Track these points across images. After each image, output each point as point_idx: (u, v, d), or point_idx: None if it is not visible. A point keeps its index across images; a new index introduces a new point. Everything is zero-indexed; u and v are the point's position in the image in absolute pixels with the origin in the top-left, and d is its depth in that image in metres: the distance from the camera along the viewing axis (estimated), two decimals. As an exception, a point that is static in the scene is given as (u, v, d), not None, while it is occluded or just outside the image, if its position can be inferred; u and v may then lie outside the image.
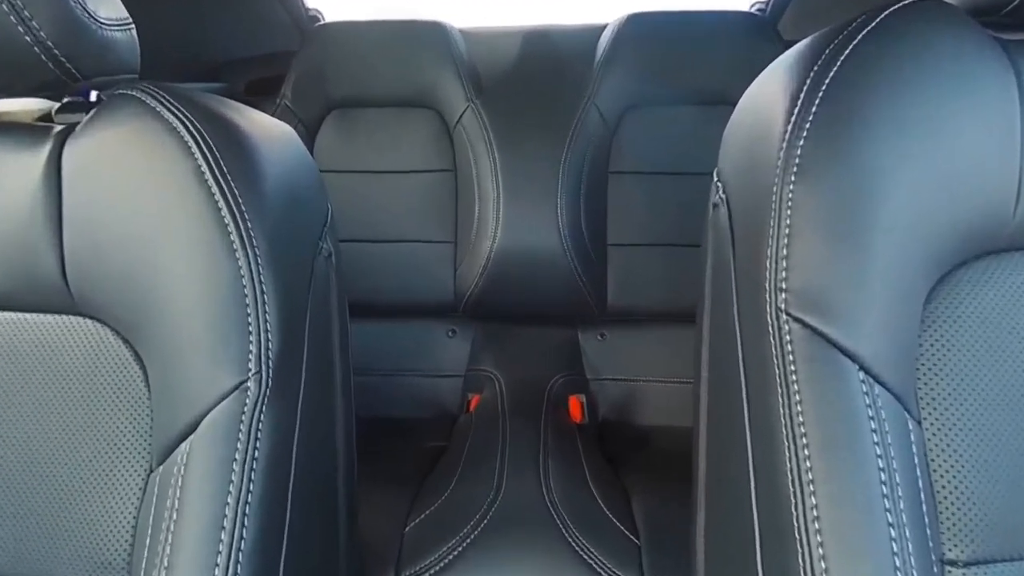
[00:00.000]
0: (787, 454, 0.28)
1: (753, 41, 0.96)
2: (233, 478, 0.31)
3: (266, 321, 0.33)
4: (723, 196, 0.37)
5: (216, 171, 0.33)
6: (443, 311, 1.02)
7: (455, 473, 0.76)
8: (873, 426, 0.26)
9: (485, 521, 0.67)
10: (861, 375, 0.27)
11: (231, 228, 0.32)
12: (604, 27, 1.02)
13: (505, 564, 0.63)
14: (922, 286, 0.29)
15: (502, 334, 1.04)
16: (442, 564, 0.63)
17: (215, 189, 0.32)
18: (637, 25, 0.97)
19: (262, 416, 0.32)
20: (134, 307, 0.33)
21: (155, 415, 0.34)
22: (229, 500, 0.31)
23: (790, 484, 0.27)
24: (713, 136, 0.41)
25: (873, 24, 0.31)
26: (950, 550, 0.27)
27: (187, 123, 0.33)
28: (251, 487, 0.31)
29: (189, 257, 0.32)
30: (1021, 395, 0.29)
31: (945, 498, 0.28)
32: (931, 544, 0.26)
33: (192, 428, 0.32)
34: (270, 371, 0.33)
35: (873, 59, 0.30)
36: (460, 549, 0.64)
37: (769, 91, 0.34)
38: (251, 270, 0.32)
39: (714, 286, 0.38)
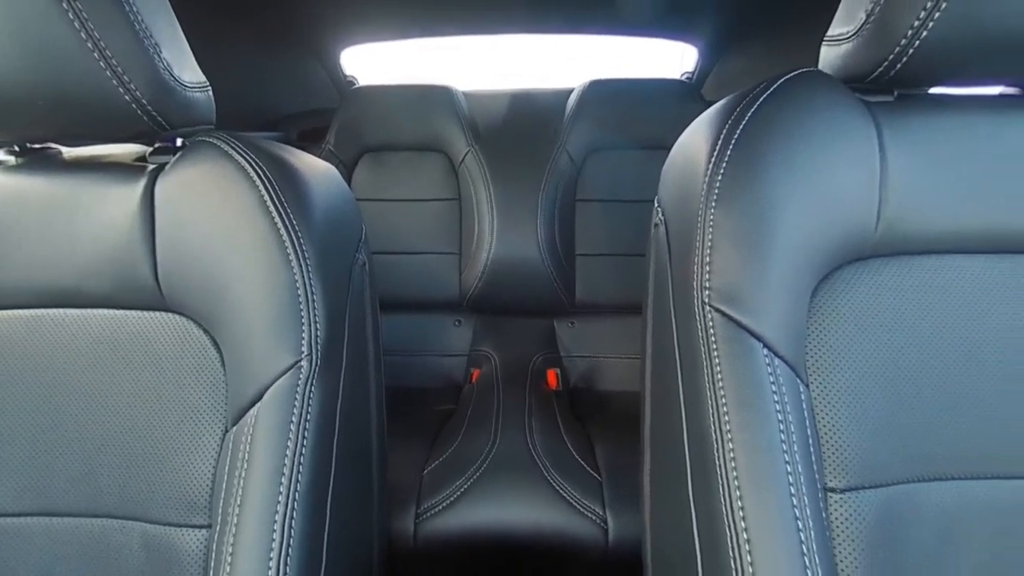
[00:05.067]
0: (710, 411, 0.28)
1: (683, 102, 0.97)
2: (291, 436, 0.30)
3: (315, 314, 0.33)
4: (662, 218, 0.37)
5: (276, 200, 0.32)
6: (451, 306, 1.02)
7: (461, 429, 0.75)
8: (774, 389, 0.26)
9: (485, 465, 0.67)
10: (764, 351, 0.27)
11: (287, 244, 0.32)
12: (572, 90, 1.03)
13: (501, 497, 0.63)
14: (808, 284, 0.29)
15: (496, 323, 1.04)
16: (452, 499, 0.63)
17: (275, 214, 0.32)
18: (596, 88, 0.97)
19: (312, 388, 0.32)
20: (212, 304, 0.33)
21: (229, 388, 0.33)
22: (288, 452, 0.30)
23: (713, 434, 0.27)
24: (654, 173, 0.41)
25: (770, 90, 0.32)
26: (830, 481, 0.27)
27: (252, 163, 0.33)
28: (304, 442, 0.31)
29: (254, 265, 0.32)
30: (882, 363, 0.29)
31: (826, 442, 0.28)
32: (817, 477, 0.26)
33: (259, 397, 0.31)
34: (319, 353, 0.33)
35: (771, 116, 0.31)
36: (466, 487, 0.64)
37: (695, 139, 0.34)
38: (303, 275, 0.32)
39: (656, 285, 0.38)
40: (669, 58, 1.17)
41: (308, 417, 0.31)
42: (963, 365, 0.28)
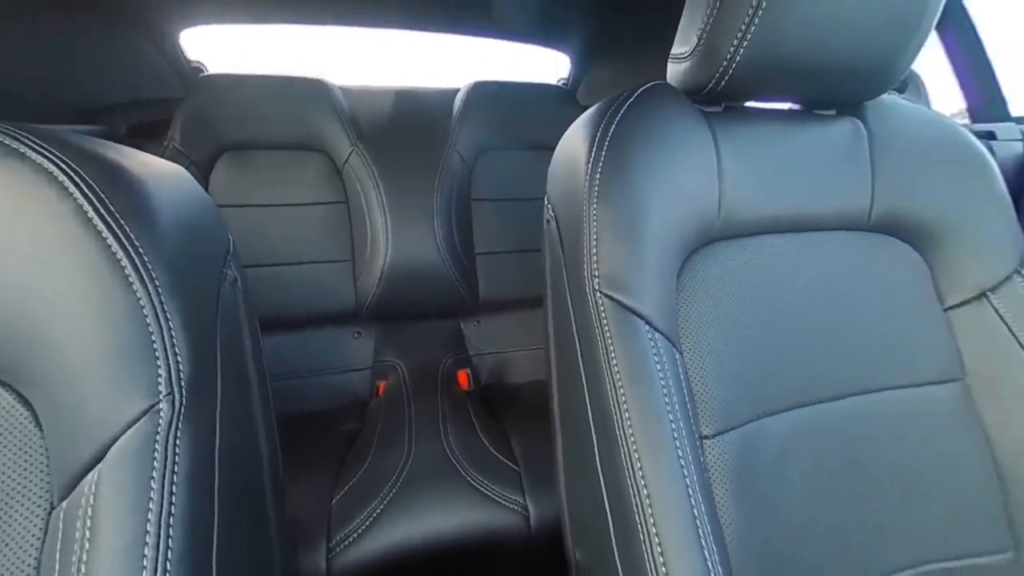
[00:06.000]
0: (608, 386, 0.30)
1: (561, 105, 1.05)
2: (153, 495, 0.25)
3: (174, 346, 0.27)
4: (552, 214, 0.39)
5: (101, 210, 0.26)
6: (348, 317, 0.94)
7: (371, 448, 0.71)
8: (656, 360, 0.30)
9: (400, 481, 0.64)
10: (647, 328, 0.31)
11: (125, 263, 0.26)
12: (457, 90, 1.03)
13: (421, 509, 0.61)
14: (674, 267, 0.34)
15: (400, 330, 0.99)
16: (368, 523, 0.58)
17: (102, 227, 0.25)
18: (481, 90, 0.99)
19: (179, 433, 0.27)
20: (13, 350, 0.25)
21: (51, 453, 0.26)
22: (151, 516, 0.25)
23: (612, 406, 0.30)
24: (542, 172, 0.43)
25: (631, 99, 0.36)
26: (703, 429, 0.32)
27: (60, 164, 0.26)
28: (173, 499, 0.26)
29: (75, 295, 0.25)
30: (730, 325, 0.35)
31: (698, 397, 0.32)
32: (694, 427, 0.30)
33: (98, 458, 0.25)
34: (184, 390, 0.27)
35: (633, 122, 0.35)
36: (382, 508, 0.60)
37: (574, 141, 0.37)
38: (152, 301, 0.26)
39: (552, 277, 0.40)
40: (548, 64, 1.25)
41: (176, 469, 0.26)
42: (783, 319, 0.36)
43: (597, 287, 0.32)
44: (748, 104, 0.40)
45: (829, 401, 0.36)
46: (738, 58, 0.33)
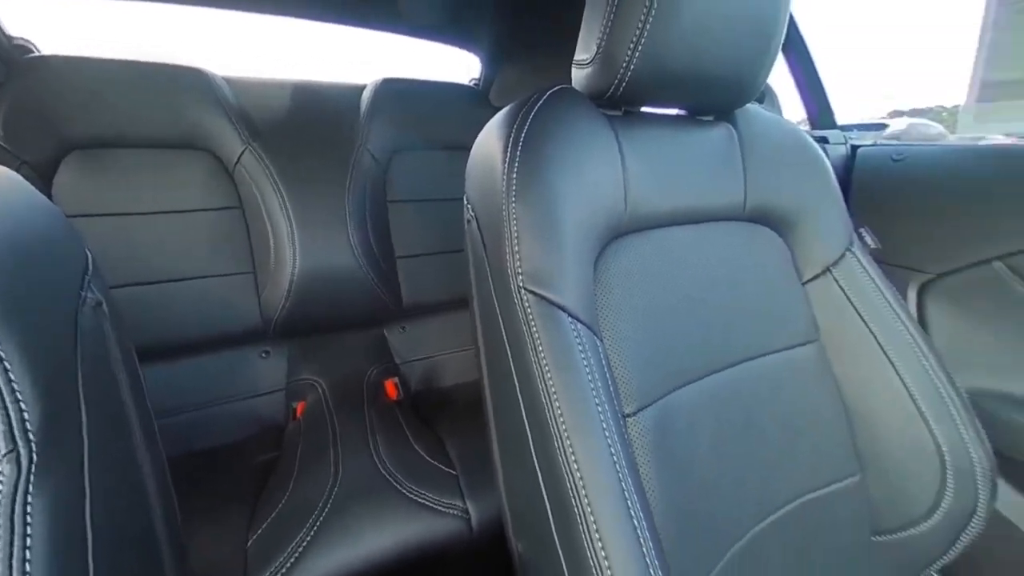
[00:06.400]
0: (537, 377, 0.32)
1: (475, 106, 1.05)
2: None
3: (13, 392, 0.22)
4: (473, 214, 0.39)
5: None
6: (253, 336, 0.84)
7: (291, 476, 0.64)
8: (580, 349, 0.32)
9: (329, 505, 0.59)
10: (569, 320, 0.32)
11: None
12: (364, 87, 0.98)
13: (356, 531, 0.57)
14: (590, 259, 0.36)
15: (318, 344, 0.92)
16: (293, 559, 0.53)
17: None
18: (390, 87, 0.95)
19: (30, 497, 0.22)
20: None
21: None
22: None
23: (542, 397, 0.31)
24: (459, 172, 0.43)
25: (541, 102, 0.37)
26: (625, 408, 0.35)
27: None
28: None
29: None
30: (642, 310, 0.38)
31: (619, 380, 0.35)
32: (617, 406, 0.33)
33: None
34: (32, 444, 0.22)
35: (545, 124, 0.36)
36: (309, 539, 0.55)
37: (490, 141, 0.37)
38: None
39: (477, 277, 0.40)
40: (459, 64, 1.24)
41: (29, 538, 0.21)
42: (685, 302, 0.41)
43: (521, 284, 0.33)
44: (644, 109, 0.44)
45: (725, 369, 0.41)
46: (632, 67, 0.36)
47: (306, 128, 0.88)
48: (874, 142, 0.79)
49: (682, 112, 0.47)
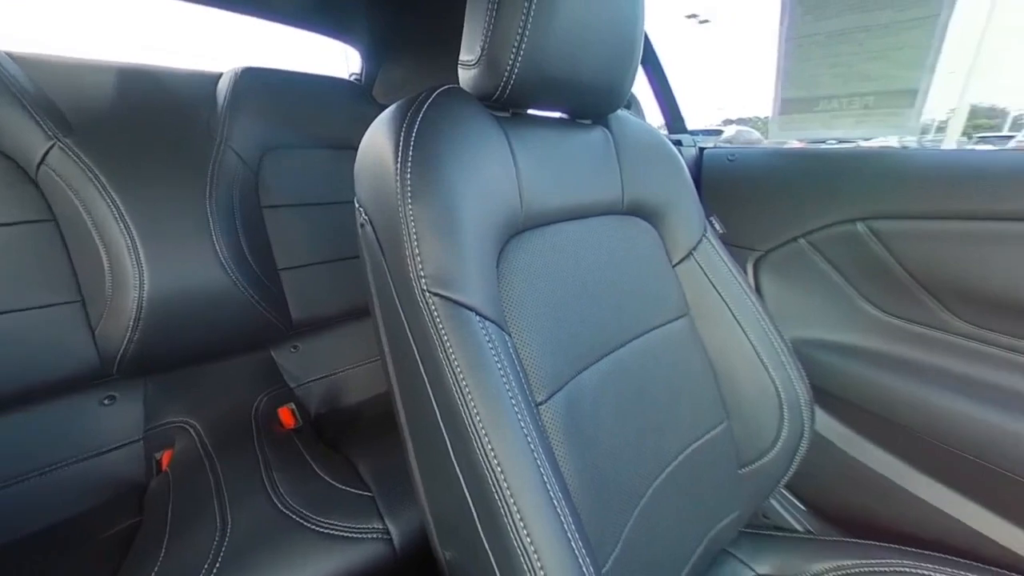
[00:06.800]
0: (450, 379, 0.31)
1: (358, 102, 0.99)
2: None
3: None
4: (367, 217, 0.37)
5: None
6: (90, 380, 0.67)
7: (163, 539, 0.53)
8: (490, 346, 0.32)
9: (218, 565, 0.50)
10: (477, 319, 0.32)
11: None
12: (217, 75, 0.85)
13: None
14: (492, 257, 0.36)
15: (186, 379, 0.77)
16: None
17: None
18: (254, 78, 0.84)
19: None
20: None
21: None
22: None
23: (457, 398, 0.31)
24: (345, 173, 0.40)
25: (430, 100, 0.37)
26: (537, 397, 0.36)
27: None
28: None
29: None
30: (543, 302, 0.40)
31: (529, 370, 0.36)
32: (530, 396, 0.34)
33: None
34: None
35: (436, 122, 0.36)
36: None
37: (379, 139, 0.36)
38: None
39: (377, 284, 0.38)
40: (332, 57, 1.15)
41: None
42: (581, 291, 0.44)
43: (425, 287, 0.32)
44: (530, 112, 0.46)
45: (620, 348, 0.46)
46: (516, 71, 0.37)
47: (143, 121, 0.73)
48: (715, 145, 0.96)
49: (564, 115, 0.50)
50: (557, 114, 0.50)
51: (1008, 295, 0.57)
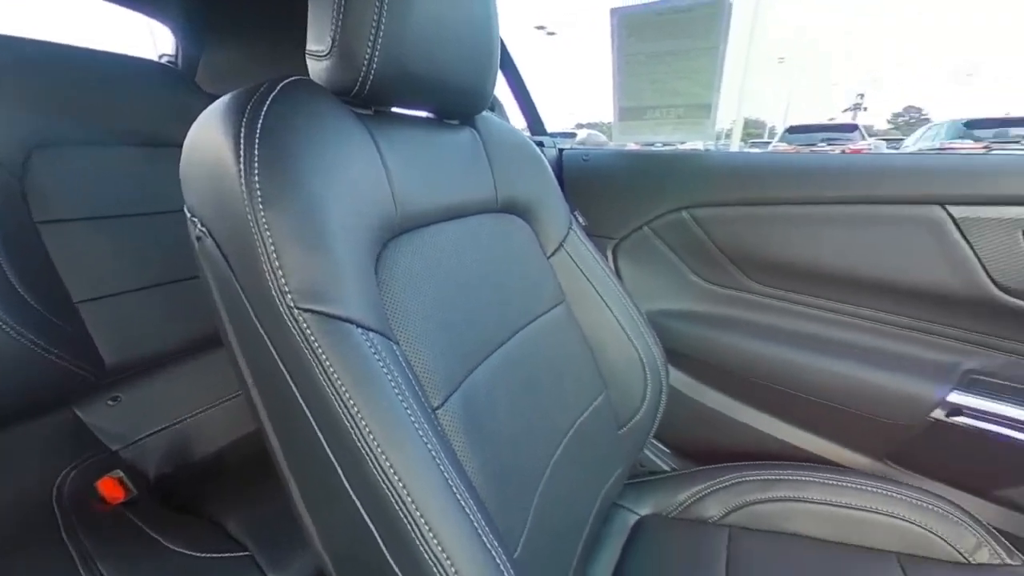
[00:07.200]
0: (335, 402, 0.28)
1: (177, 90, 0.81)
2: None
3: None
4: (204, 229, 0.31)
5: None
6: None
7: None
8: (377, 358, 0.30)
9: None
10: (359, 331, 0.30)
11: None
12: None
13: None
14: (369, 264, 0.34)
15: None
16: None
17: None
18: (15, 52, 0.62)
19: None
20: None
21: None
22: None
23: (346, 421, 0.28)
24: (163, 175, 0.33)
25: (275, 92, 0.33)
26: (433, 402, 0.35)
27: None
28: None
29: None
30: (429, 305, 0.39)
31: (422, 376, 0.35)
32: (425, 402, 0.33)
33: None
34: None
35: (285, 117, 0.32)
36: None
37: (212, 135, 0.30)
38: None
39: (227, 306, 0.32)
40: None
41: None
42: (466, 290, 0.44)
43: (293, 304, 0.28)
44: (394, 110, 0.44)
45: (507, 341, 0.47)
46: (375, 66, 0.35)
47: None
48: (571, 147, 1.06)
49: (430, 115, 0.50)
50: (424, 114, 0.49)
51: (785, 261, 0.77)
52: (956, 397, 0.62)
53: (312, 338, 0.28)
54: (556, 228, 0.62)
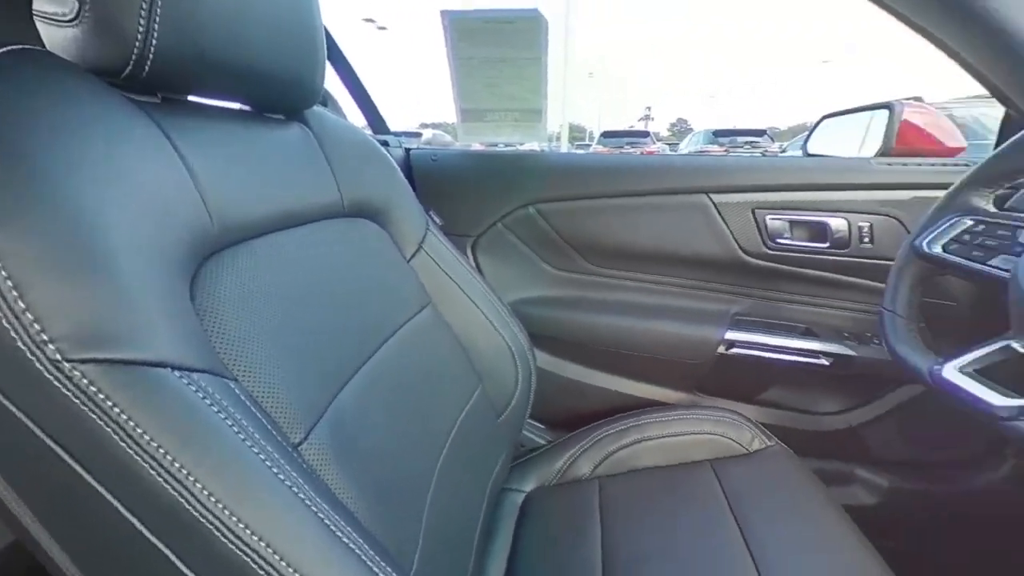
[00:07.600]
0: (154, 472, 0.22)
1: None
2: None
3: None
4: None
5: None
6: None
7: None
8: (208, 402, 0.24)
9: None
10: (176, 374, 0.24)
11: None
12: None
13: None
14: (182, 290, 0.28)
15: None
16: None
17: None
18: None
19: None
20: None
21: None
22: None
23: (171, 489, 0.22)
24: None
25: None
26: (292, 437, 0.30)
27: None
28: None
29: None
30: (272, 328, 0.33)
31: (273, 412, 0.30)
32: (283, 440, 0.28)
33: None
34: None
35: (15, 99, 0.23)
36: None
37: None
38: None
39: None
40: None
41: None
42: (313, 305, 0.39)
43: (60, 357, 0.21)
44: (192, 99, 0.36)
45: (374, 353, 0.44)
46: (153, 42, 0.28)
47: None
48: (419, 147, 1.04)
49: (247, 107, 0.43)
50: (237, 106, 0.42)
51: (611, 245, 0.92)
52: (730, 335, 0.84)
53: (101, 396, 0.21)
54: (413, 229, 0.60)
